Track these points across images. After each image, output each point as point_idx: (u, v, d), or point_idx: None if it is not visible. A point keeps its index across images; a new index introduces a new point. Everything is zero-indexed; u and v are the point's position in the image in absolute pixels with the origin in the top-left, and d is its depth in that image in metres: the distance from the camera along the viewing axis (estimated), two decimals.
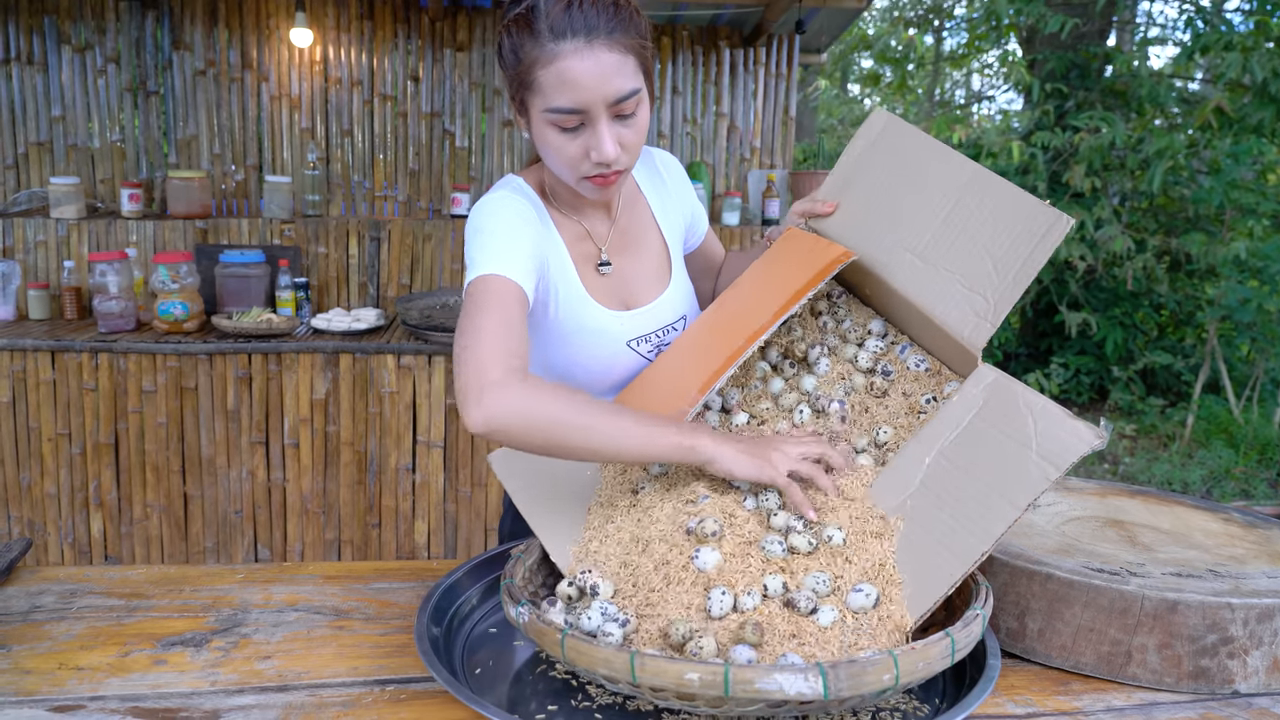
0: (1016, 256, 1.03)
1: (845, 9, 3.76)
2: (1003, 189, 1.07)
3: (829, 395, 1.15)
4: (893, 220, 1.17)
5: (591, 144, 1.10)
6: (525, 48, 1.08)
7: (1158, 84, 5.96)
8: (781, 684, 0.75)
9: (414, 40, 3.86)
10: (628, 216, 1.34)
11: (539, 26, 1.06)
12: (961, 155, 1.14)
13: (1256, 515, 1.27)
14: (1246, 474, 4.95)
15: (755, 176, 4.07)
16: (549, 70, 1.06)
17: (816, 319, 1.26)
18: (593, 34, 1.05)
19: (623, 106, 1.09)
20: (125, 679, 0.95)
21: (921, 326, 1.14)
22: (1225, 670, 0.97)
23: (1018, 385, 0.98)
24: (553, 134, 1.11)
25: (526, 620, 0.88)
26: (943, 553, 0.92)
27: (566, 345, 1.26)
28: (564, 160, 1.13)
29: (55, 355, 3.10)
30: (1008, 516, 0.89)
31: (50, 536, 3.18)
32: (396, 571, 1.26)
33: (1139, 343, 6.14)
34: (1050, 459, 0.90)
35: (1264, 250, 5.30)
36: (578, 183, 1.16)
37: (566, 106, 1.07)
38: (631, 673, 0.78)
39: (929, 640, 0.80)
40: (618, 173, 1.14)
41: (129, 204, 3.55)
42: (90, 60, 3.70)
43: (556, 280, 1.23)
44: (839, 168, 1.28)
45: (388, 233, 3.67)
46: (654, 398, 1.19)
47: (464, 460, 3.25)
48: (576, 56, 1.05)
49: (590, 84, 1.06)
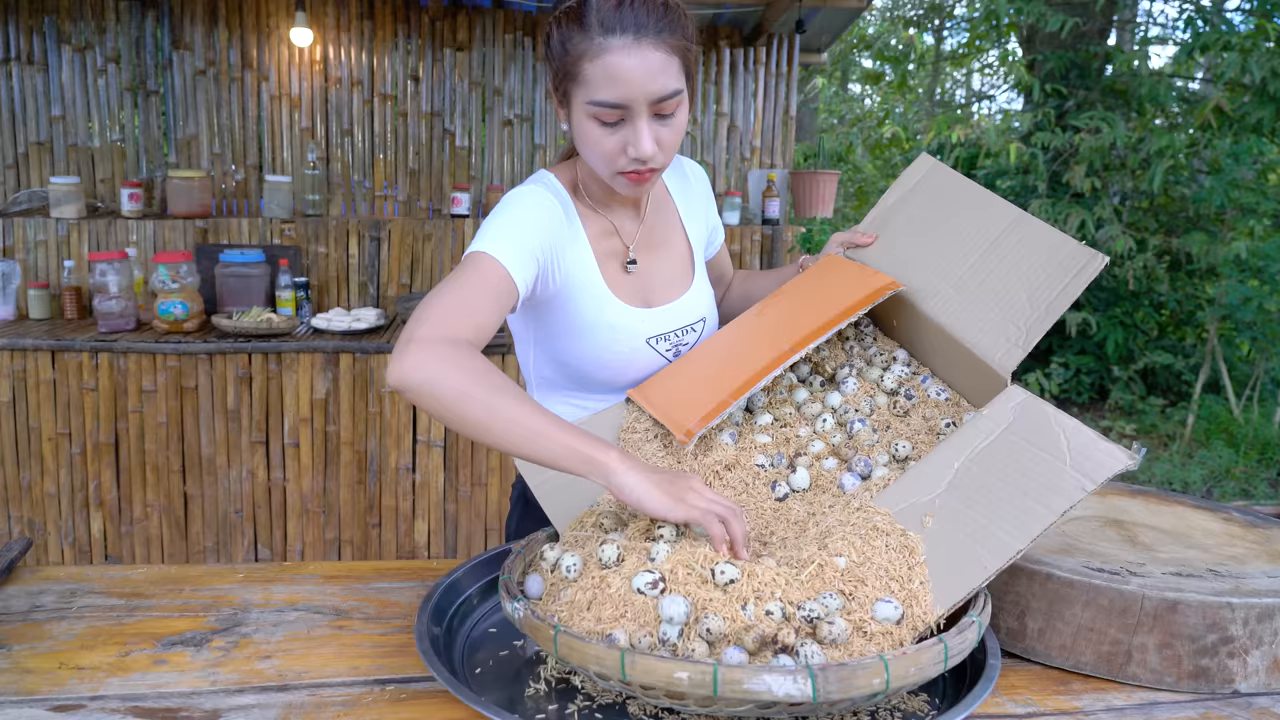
0: (1051, 290, 1.08)
1: (845, 9, 3.76)
2: (1043, 230, 1.12)
3: (854, 407, 1.19)
4: (931, 252, 1.22)
5: (630, 140, 1.11)
6: (574, 40, 1.09)
7: (1158, 83, 5.96)
8: (770, 685, 0.75)
9: (414, 40, 3.86)
10: (656, 217, 1.35)
11: (589, 20, 1.07)
12: (1004, 200, 1.20)
13: (1257, 515, 1.27)
14: (1247, 474, 4.95)
15: (755, 176, 4.07)
16: (596, 64, 1.07)
17: (844, 344, 1.30)
18: (641, 32, 1.06)
19: (664, 106, 1.10)
20: (125, 678, 0.95)
21: (947, 357, 1.18)
22: (1225, 670, 0.97)
23: (1049, 406, 1.00)
24: (593, 127, 1.12)
25: (522, 616, 0.88)
26: (975, 548, 0.92)
27: (584, 339, 1.26)
28: (601, 154, 1.14)
29: (55, 355, 3.10)
30: (1044, 519, 0.90)
31: (50, 536, 3.18)
32: (396, 571, 1.26)
33: (1139, 342, 6.14)
34: (1085, 473, 0.91)
35: (1264, 250, 5.29)
36: (612, 177, 1.17)
37: (610, 101, 1.09)
38: (622, 670, 0.78)
39: (921, 645, 0.80)
40: (652, 170, 1.15)
41: (129, 204, 3.55)
42: (90, 60, 3.70)
43: (573, 273, 1.23)
44: (880, 205, 1.34)
45: (388, 232, 3.67)
46: (681, 394, 1.20)
47: (464, 460, 3.25)
48: (624, 52, 1.06)
49: (635, 80, 1.07)
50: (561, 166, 1.30)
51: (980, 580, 0.90)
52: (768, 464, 1.15)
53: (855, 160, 9.05)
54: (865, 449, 1.15)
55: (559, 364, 1.30)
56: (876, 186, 9.66)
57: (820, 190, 3.94)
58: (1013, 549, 0.90)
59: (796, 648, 0.83)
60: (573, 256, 1.23)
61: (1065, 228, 5.42)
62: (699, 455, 1.16)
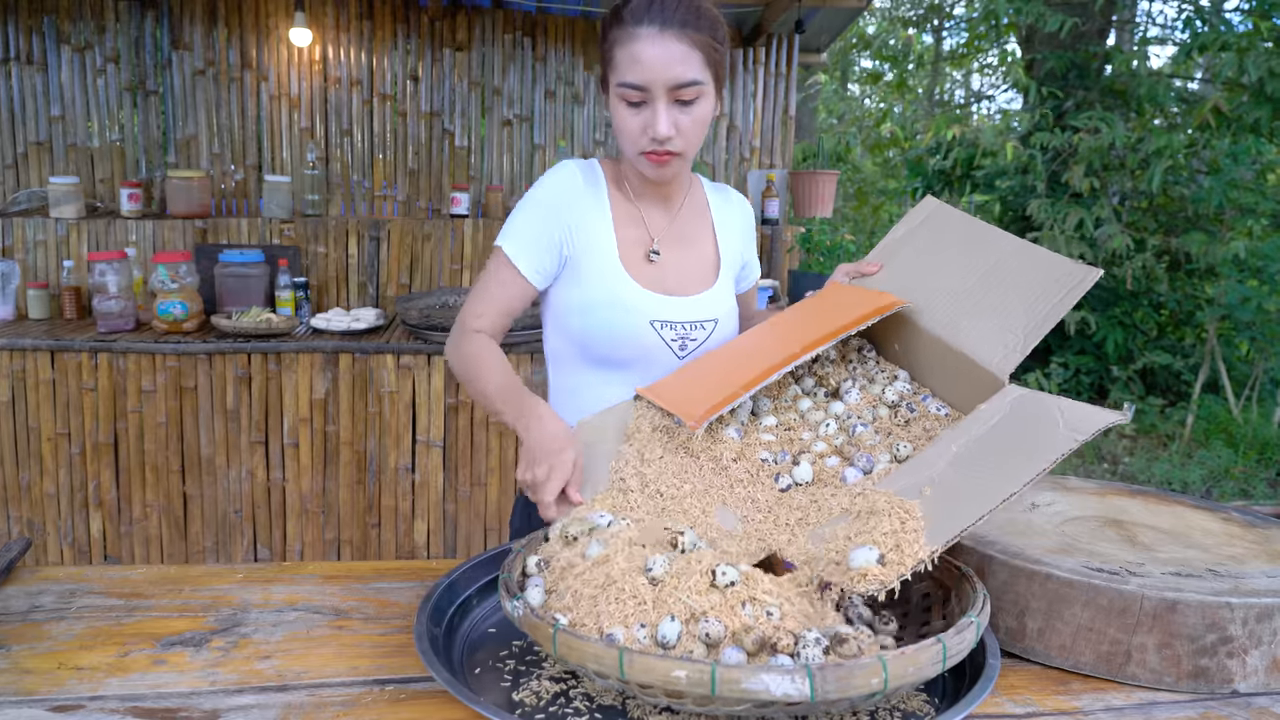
0: (1047, 302, 1.13)
1: (845, 9, 3.76)
2: (1042, 254, 1.19)
3: (856, 415, 1.23)
4: (933, 277, 1.28)
5: (650, 121, 1.24)
6: (612, 30, 1.25)
7: (1157, 84, 5.96)
8: (768, 684, 0.75)
9: (413, 40, 3.86)
10: (688, 219, 1.43)
11: (625, 14, 1.23)
12: (1007, 233, 1.26)
13: (1256, 515, 1.27)
14: (1246, 474, 4.96)
15: (755, 176, 4.07)
16: (625, 50, 1.23)
17: (847, 364, 1.35)
18: (667, 25, 1.21)
19: (682, 93, 1.22)
20: (125, 679, 0.95)
21: (947, 371, 1.22)
22: (1224, 670, 0.97)
23: (1045, 394, 1.05)
24: (621, 108, 1.26)
25: (521, 614, 0.88)
26: (968, 500, 0.96)
27: (592, 314, 1.33)
28: (627, 133, 1.27)
29: (55, 355, 3.10)
30: (1034, 467, 0.94)
31: (50, 536, 3.17)
32: (396, 571, 1.26)
33: (1139, 342, 6.14)
34: (1075, 428, 0.96)
35: (1263, 250, 5.30)
36: (636, 158, 1.29)
37: (632, 82, 1.22)
38: (620, 669, 0.78)
39: (919, 645, 0.81)
40: (671, 154, 1.26)
41: (128, 204, 3.55)
42: (90, 60, 3.70)
43: (590, 243, 1.33)
44: (885, 241, 1.41)
45: (387, 232, 3.67)
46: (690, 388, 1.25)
47: (464, 460, 3.25)
48: (648, 41, 1.21)
49: (655, 65, 1.20)
50: (612, 160, 1.42)
51: (973, 519, 0.92)
52: (771, 459, 1.18)
53: (854, 160, 9.05)
54: (867, 448, 1.16)
55: (568, 337, 1.37)
56: (876, 187, 9.67)
57: (819, 190, 3.94)
58: (1006, 492, 0.93)
59: (797, 649, 0.83)
60: (591, 227, 1.33)
61: (1064, 227, 5.42)
62: (705, 448, 1.19)
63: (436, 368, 3.19)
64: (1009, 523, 1.17)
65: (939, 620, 1.01)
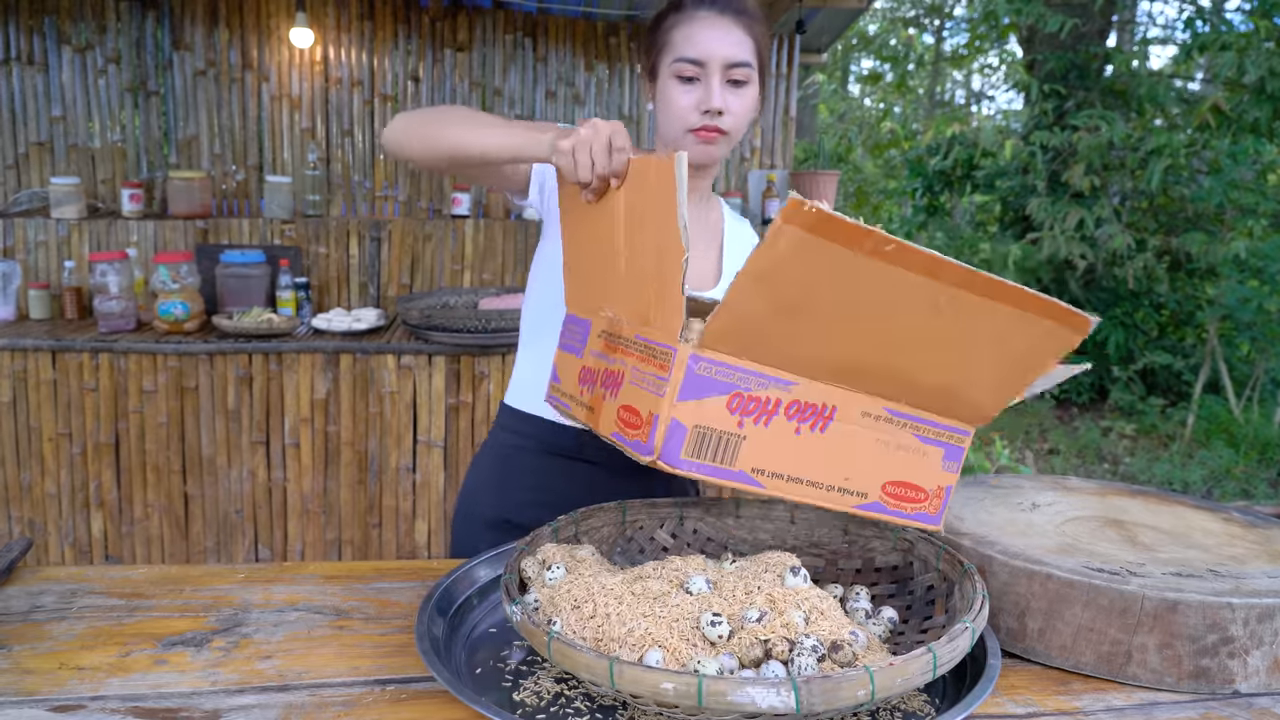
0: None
1: (845, 9, 3.76)
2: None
3: None
4: None
5: (703, 96, 1.29)
6: (669, 17, 1.32)
7: (1157, 84, 5.96)
8: (754, 696, 0.76)
9: (414, 40, 3.86)
10: (702, 224, 1.45)
11: (685, 3, 1.31)
12: None
13: (1257, 515, 1.27)
14: (1247, 474, 4.96)
15: (755, 177, 4.07)
16: (682, 30, 1.30)
17: None
18: (725, 10, 1.30)
19: (735, 73, 1.29)
20: (126, 679, 0.95)
21: None
22: (1226, 670, 0.97)
23: None
24: (673, 86, 1.30)
25: (519, 619, 0.88)
26: None
27: None
28: (677, 110, 1.30)
29: (56, 355, 3.10)
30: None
31: (50, 536, 3.18)
32: (397, 571, 1.26)
33: (1139, 342, 6.14)
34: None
35: (1264, 250, 5.30)
36: (683, 136, 1.31)
37: (690, 56, 1.28)
38: (610, 679, 0.79)
39: (908, 656, 0.81)
40: (719, 131, 1.30)
41: (129, 204, 3.55)
42: (90, 60, 3.70)
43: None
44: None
45: (388, 233, 3.67)
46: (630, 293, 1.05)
47: (464, 460, 3.25)
48: (707, 22, 1.29)
49: (713, 42, 1.28)
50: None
51: None
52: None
53: (855, 160, 9.05)
54: None
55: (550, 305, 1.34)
56: (877, 187, 9.66)
57: (820, 190, 3.94)
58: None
59: (791, 656, 0.84)
60: None
61: (1064, 226, 5.42)
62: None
63: (438, 368, 3.19)
64: (1009, 523, 1.17)
65: (941, 615, 1.01)
